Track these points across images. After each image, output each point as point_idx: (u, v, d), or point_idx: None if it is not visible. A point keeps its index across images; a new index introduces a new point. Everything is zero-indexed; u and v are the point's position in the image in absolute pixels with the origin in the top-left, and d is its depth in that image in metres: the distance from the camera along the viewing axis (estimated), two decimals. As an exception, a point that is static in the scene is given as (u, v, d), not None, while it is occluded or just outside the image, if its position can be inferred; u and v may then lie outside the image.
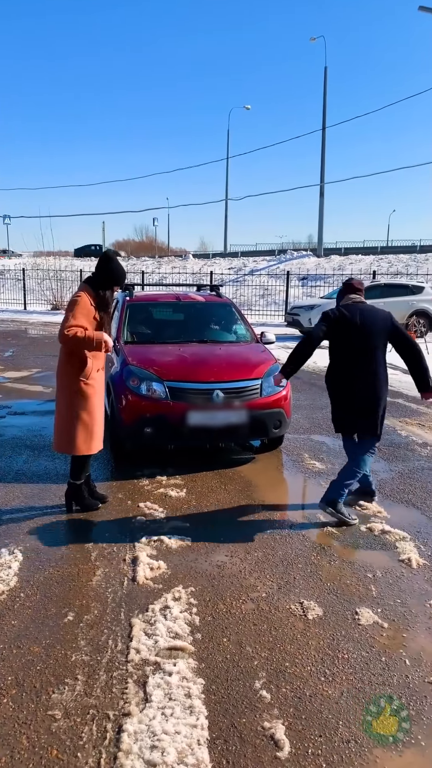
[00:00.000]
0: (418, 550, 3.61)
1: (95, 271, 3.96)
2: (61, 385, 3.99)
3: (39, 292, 24.57)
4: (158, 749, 2.03)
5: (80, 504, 4.13)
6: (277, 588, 3.15)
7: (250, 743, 2.09)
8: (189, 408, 4.80)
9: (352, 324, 3.93)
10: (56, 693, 2.33)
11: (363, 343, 3.91)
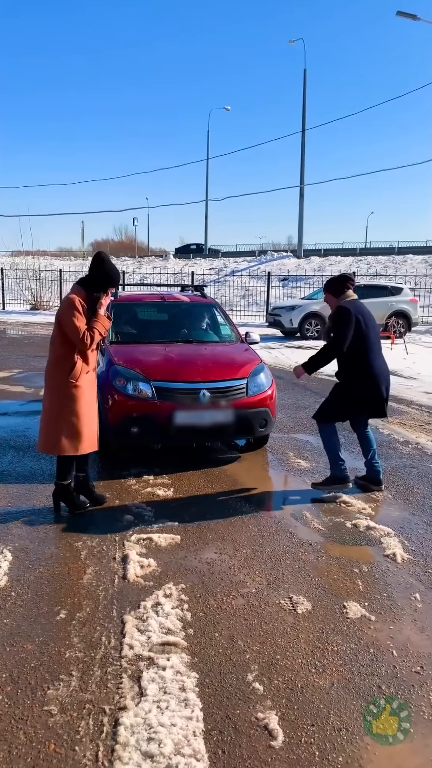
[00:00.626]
0: (403, 545, 3.70)
1: (89, 273, 3.96)
2: (49, 386, 3.98)
3: (18, 292, 24.35)
4: (155, 741, 2.07)
5: (68, 504, 4.14)
6: (266, 584, 3.20)
7: (245, 733, 2.14)
8: (175, 408, 4.84)
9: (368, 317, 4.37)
10: (51, 689, 2.35)
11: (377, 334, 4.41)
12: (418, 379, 9.89)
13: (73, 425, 3.89)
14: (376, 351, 4.39)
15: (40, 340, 15.13)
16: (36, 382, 9.19)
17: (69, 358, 3.87)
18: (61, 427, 3.88)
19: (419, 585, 3.22)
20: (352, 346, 4.31)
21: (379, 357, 4.42)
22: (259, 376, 5.28)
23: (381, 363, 4.42)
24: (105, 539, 3.70)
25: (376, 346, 4.40)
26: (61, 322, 3.87)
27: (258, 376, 5.27)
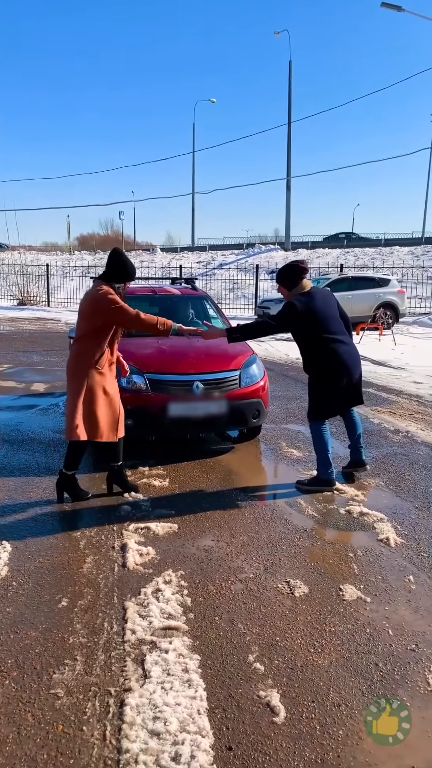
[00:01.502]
0: (395, 529, 3.78)
1: (108, 268, 4.04)
2: (71, 377, 4.04)
3: (4, 287, 24.17)
4: (161, 720, 2.13)
5: (71, 494, 4.18)
6: (263, 569, 3.27)
7: (248, 710, 2.20)
8: (169, 399, 4.88)
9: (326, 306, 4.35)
10: (57, 673, 2.39)
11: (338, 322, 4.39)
12: (407, 369, 10.00)
13: (86, 412, 3.96)
14: (338, 339, 4.29)
15: (28, 335, 15.07)
16: (26, 377, 9.19)
17: (93, 349, 3.96)
18: (74, 414, 3.96)
19: (412, 567, 3.30)
20: (310, 340, 4.28)
21: (343, 344, 4.32)
22: (252, 368, 5.34)
23: (345, 349, 4.32)
24: (103, 529, 3.75)
25: (338, 334, 4.30)
26: (101, 311, 3.91)
27: (250, 368, 5.32)
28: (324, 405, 4.44)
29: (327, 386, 4.36)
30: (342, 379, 4.32)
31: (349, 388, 4.40)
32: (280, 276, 4.42)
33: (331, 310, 4.36)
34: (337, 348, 4.28)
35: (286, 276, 4.37)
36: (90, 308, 3.98)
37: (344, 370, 4.31)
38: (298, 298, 4.26)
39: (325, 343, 4.26)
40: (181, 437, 5.52)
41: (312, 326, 4.24)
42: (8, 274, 24.37)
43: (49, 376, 9.20)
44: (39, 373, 9.57)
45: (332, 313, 4.37)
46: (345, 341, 4.38)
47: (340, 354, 4.29)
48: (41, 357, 11.27)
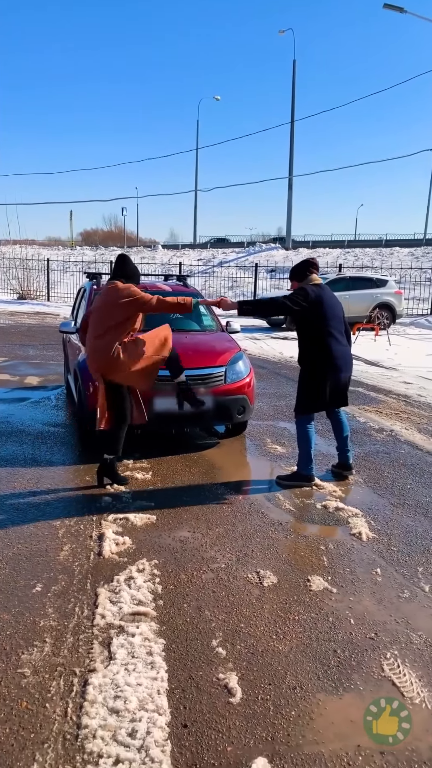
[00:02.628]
0: (369, 525, 3.86)
1: (119, 270, 4.38)
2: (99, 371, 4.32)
3: (5, 281, 24.26)
4: (121, 698, 2.21)
5: (112, 478, 4.43)
6: (235, 560, 3.35)
7: (206, 691, 2.28)
8: (155, 394, 4.95)
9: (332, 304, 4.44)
10: (25, 654, 2.48)
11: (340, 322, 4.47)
12: (398, 369, 10.07)
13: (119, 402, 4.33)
14: (336, 338, 4.39)
15: (26, 329, 15.17)
16: (21, 370, 9.28)
17: (113, 343, 4.21)
18: (106, 405, 4.30)
19: (381, 561, 3.39)
20: (310, 330, 4.38)
21: (340, 344, 4.42)
22: (238, 364, 5.42)
23: (341, 349, 4.41)
24: (83, 519, 3.83)
25: (337, 333, 4.40)
26: (126, 304, 4.18)
27: (236, 364, 5.41)
28: (310, 398, 4.50)
29: (315, 380, 4.44)
30: (331, 376, 4.39)
31: (336, 388, 4.46)
32: (292, 272, 4.63)
33: (338, 309, 4.48)
34: (333, 345, 4.38)
35: (297, 270, 4.57)
36: (113, 303, 4.19)
37: (335, 369, 4.38)
38: (310, 287, 4.39)
39: (325, 337, 4.36)
40: (166, 431, 5.60)
41: (317, 317, 4.35)
42: (9, 269, 24.46)
43: (43, 370, 9.30)
44: (34, 366, 9.66)
45: (338, 312, 4.48)
46: (342, 342, 4.48)
47: (335, 352, 4.37)
48: (37, 351, 11.36)
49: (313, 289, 4.36)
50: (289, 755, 1.99)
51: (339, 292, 15.97)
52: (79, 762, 1.94)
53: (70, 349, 6.89)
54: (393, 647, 2.60)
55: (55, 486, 4.42)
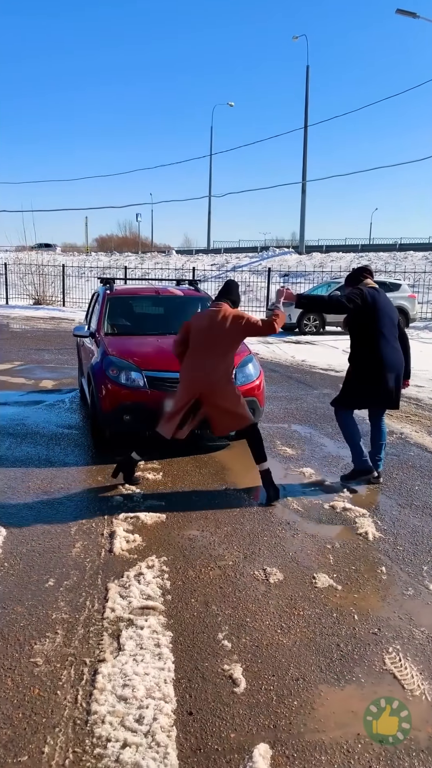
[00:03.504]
0: (375, 525, 3.91)
1: (228, 294, 4.59)
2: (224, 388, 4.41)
3: (21, 287, 24.60)
4: (129, 687, 2.30)
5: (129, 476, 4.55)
6: (243, 557, 3.43)
7: (211, 681, 2.36)
8: (166, 396, 5.03)
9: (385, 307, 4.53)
10: (38, 644, 2.57)
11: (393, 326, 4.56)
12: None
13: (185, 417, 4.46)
14: (387, 340, 4.44)
15: (42, 334, 15.38)
16: (36, 374, 9.44)
17: (231, 369, 4.50)
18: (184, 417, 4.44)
19: (386, 560, 3.44)
20: (363, 331, 4.46)
21: (390, 347, 4.46)
22: (248, 367, 5.50)
23: (391, 353, 4.45)
24: (95, 517, 3.93)
25: (389, 336, 4.46)
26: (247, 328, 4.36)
27: (246, 367, 5.48)
28: (352, 394, 4.59)
29: (361, 379, 4.52)
30: (378, 378, 4.44)
31: (384, 390, 4.48)
32: (348, 279, 4.74)
33: (392, 314, 4.56)
34: (384, 348, 4.45)
35: (352, 277, 4.70)
36: (237, 328, 4.33)
37: (383, 371, 4.43)
38: (367, 288, 4.49)
39: (377, 338, 4.44)
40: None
41: (370, 318, 4.43)
42: (25, 274, 24.82)
43: (57, 374, 9.45)
44: (48, 370, 9.82)
45: (392, 316, 4.55)
46: (395, 346, 4.54)
47: (385, 354, 4.44)
48: (52, 355, 11.54)
49: (370, 291, 4.47)
50: (291, 742, 2.05)
51: (352, 296, 16.12)
52: (89, 745, 2.02)
53: (83, 353, 7.02)
54: (395, 642, 2.65)
55: (68, 485, 4.53)
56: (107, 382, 5.15)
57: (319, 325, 16.24)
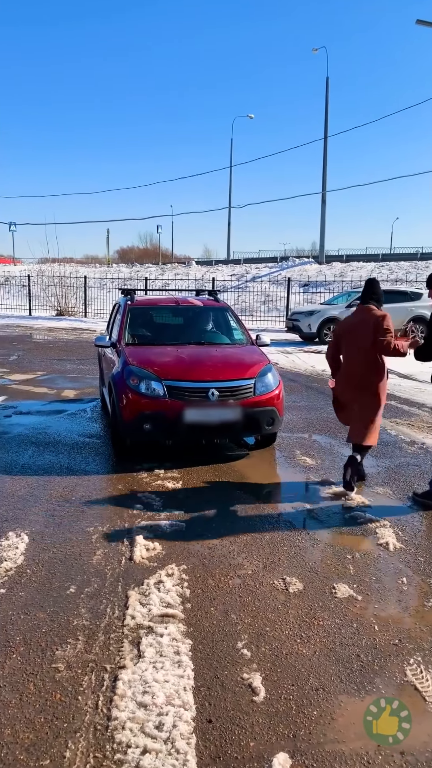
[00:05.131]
0: (396, 535, 3.88)
1: (372, 294, 4.73)
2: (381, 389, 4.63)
3: (44, 298, 24.96)
4: (149, 694, 2.31)
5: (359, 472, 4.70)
6: (262, 566, 3.42)
7: (231, 690, 2.36)
8: (186, 405, 5.09)
9: None
10: (59, 650, 2.61)
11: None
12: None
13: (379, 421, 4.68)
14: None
15: (63, 344, 15.59)
16: (58, 383, 9.57)
17: (382, 362, 4.60)
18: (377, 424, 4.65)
19: (407, 570, 3.41)
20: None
21: None
22: (267, 377, 5.51)
23: None
24: (115, 525, 3.97)
25: None
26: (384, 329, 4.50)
27: (265, 377, 5.50)
28: None
29: None
30: None
31: None
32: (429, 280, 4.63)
33: None
34: None
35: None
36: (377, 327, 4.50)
37: None
38: None
39: None
40: (196, 442, 5.72)
41: None
42: (48, 286, 25.20)
43: (79, 383, 9.56)
44: (70, 380, 9.95)
45: None
46: None
47: None
48: (74, 365, 11.68)
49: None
50: (310, 752, 2.05)
51: (372, 305, 16.03)
52: (109, 750, 2.04)
53: (104, 363, 7.11)
54: (416, 654, 2.62)
55: (89, 494, 4.57)
56: (128, 392, 5.21)
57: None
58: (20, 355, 12.98)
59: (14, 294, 27.56)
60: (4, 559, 3.43)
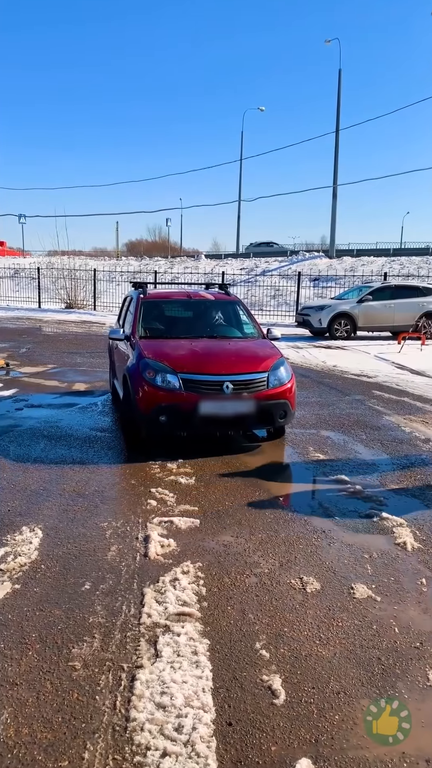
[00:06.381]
0: (414, 535, 3.82)
1: None
2: None
3: (53, 291, 24.97)
4: (167, 694, 2.28)
5: None
6: (278, 565, 3.38)
7: (250, 692, 2.32)
8: (201, 398, 5.11)
9: None
10: (76, 648, 2.58)
11: None
12: (445, 379, 9.86)
13: None
14: None
15: (73, 337, 15.57)
16: (69, 376, 9.54)
17: None
18: None
19: (426, 571, 3.35)
20: None
21: None
22: (280, 370, 5.52)
23: None
24: (129, 521, 3.93)
25: None
26: None
27: (278, 370, 5.51)
28: None
29: None
30: None
31: None
32: None
33: None
34: None
35: None
36: None
37: None
38: None
39: None
40: (211, 434, 5.71)
41: None
42: (57, 279, 25.19)
43: (90, 377, 9.54)
44: (81, 373, 9.92)
45: None
46: None
47: None
48: (84, 358, 11.66)
49: None
50: (334, 758, 2.01)
51: (384, 300, 15.94)
52: (128, 752, 2.01)
53: (116, 356, 7.10)
54: (439, 657, 2.57)
55: (102, 488, 4.55)
56: (144, 384, 5.22)
57: (350, 330, 16.05)
58: (30, 348, 12.97)
59: (24, 286, 27.55)
60: (19, 554, 3.41)
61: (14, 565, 3.29)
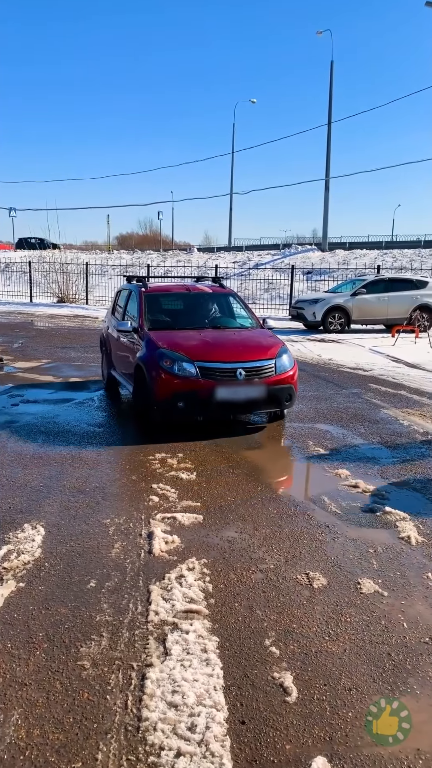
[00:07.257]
0: (417, 528, 3.82)
1: None
2: None
3: (45, 285, 24.76)
4: (179, 693, 2.26)
5: None
6: (284, 561, 3.37)
7: (262, 690, 2.31)
8: (216, 385, 5.41)
9: None
10: (84, 647, 2.55)
11: None
12: (441, 372, 9.89)
13: None
14: None
15: (66, 332, 15.47)
16: (64, 371, 9.48)
17: None
18: None
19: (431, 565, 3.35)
20: None
21: None
22: (284, 357, 5.90)
23: None
24: (131, 518, 3.90)
25: None
26: None
27: (282, 357, 5.88)
28: None
29: None
30: None
31: None
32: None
33: None
34: None
35: None
36: None
37: None
38: None
39: None
40: (225, 418, 6.09)
41: None
42: (49, 272, 24.97)
43: (85, 372, 9.48)
44: (75, 368, 9.86)
45: None
46: None
47: None
48: (78, 353, 11.58)
49: None
50: (349, 756, 2.00)
51: (378, 293, 15.93)
52: (142, 753, 1.99)
53: (116, 347, 7.21)
54: (448, 652, 2.57)
55: (103, 484, 4.51)
56: (162, 373, 5.47)
57: (344, 323, 16.05)
58: (23, 343, 12.87)
59: (15, 280, 27.30)
60: (22, 552, 3.37)
61: (18, 563, 3.25)
